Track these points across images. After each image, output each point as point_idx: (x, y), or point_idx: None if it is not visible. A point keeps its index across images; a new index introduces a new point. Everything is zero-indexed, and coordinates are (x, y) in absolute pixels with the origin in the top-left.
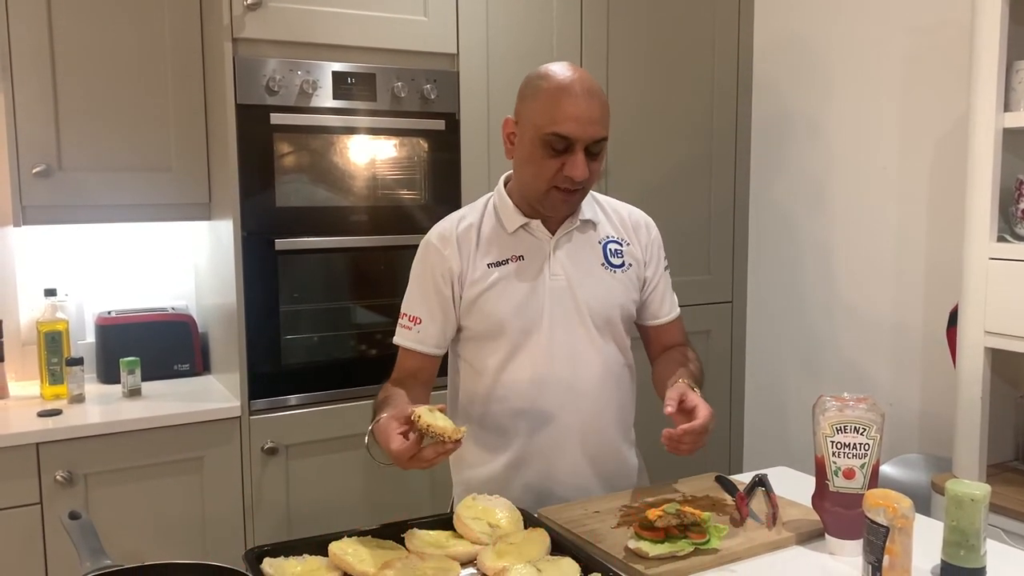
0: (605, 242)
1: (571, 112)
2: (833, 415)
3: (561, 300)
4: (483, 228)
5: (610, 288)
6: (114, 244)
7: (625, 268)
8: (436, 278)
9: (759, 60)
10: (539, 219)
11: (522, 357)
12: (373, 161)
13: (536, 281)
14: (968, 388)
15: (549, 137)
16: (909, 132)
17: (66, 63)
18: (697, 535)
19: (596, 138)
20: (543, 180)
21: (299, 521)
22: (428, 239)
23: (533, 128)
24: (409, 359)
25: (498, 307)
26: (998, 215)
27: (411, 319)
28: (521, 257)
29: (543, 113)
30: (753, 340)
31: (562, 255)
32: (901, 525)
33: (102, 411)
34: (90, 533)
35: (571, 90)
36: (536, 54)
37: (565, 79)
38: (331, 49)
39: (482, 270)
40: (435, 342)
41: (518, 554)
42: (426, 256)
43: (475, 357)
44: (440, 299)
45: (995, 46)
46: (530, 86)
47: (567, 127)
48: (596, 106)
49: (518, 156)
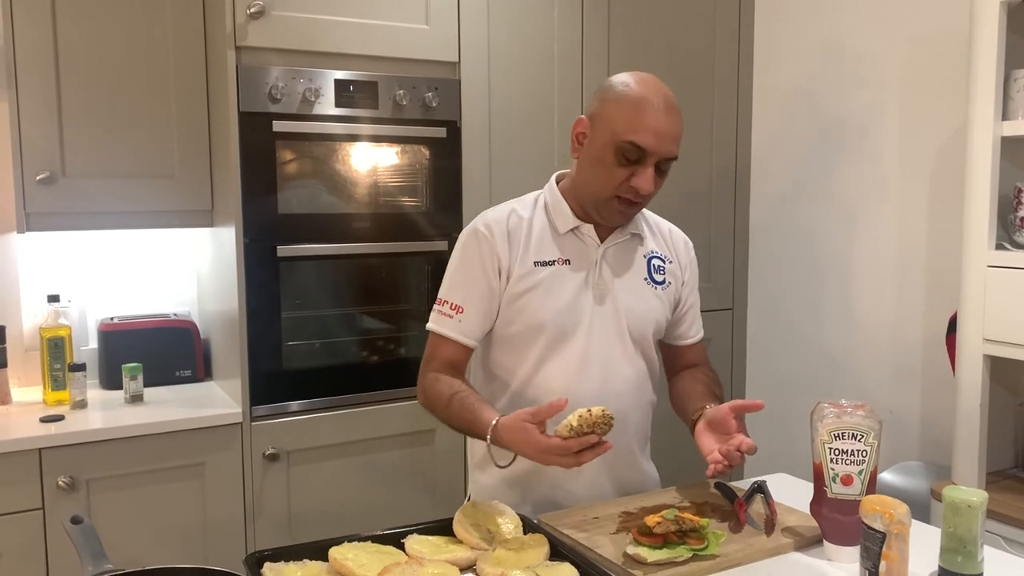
0: (650, 256)
1: (652, 124)
2: (831, 422)
3: (601, 310)
4: (534, 224)
5: (650, 304)
6: (117, 250)
7: (665, 286)
8: (485, 266)
9: (759, 67)
10: (591, 224)
11: (555, 363)
12: (375, 168)
13: (580, 287)
14: (967, 395)
15: (625, 145)
16: (909, 140)
17: (70, 70)
18: (695, 541)
19: (669, 155)
20: (608, 187)
21: (300, 527)
22: (476, 227)
23: (610, 133)
24: (448, 349)
25: (541, 308)
26: (997, 223)
27: (453, 307)
28: (568, 261)
29: (623, 120)
30: (753, 347)
31: (608, 264)
32: (898, 531)
33: (104, 417)
34: (92, 538)
35: (655, 102)
36: (537, 62)
37: (650, 90)
38: (333, 57)
39: (528, 267)
40: (476, 333)
41: (517, 560)
42: (475, 243)
43: (503, 359)
44: (486, 289)
45: (993, 55)
46: (613, 90)
47: (645, 138)
48: (676, 123)
49: (586, 157)
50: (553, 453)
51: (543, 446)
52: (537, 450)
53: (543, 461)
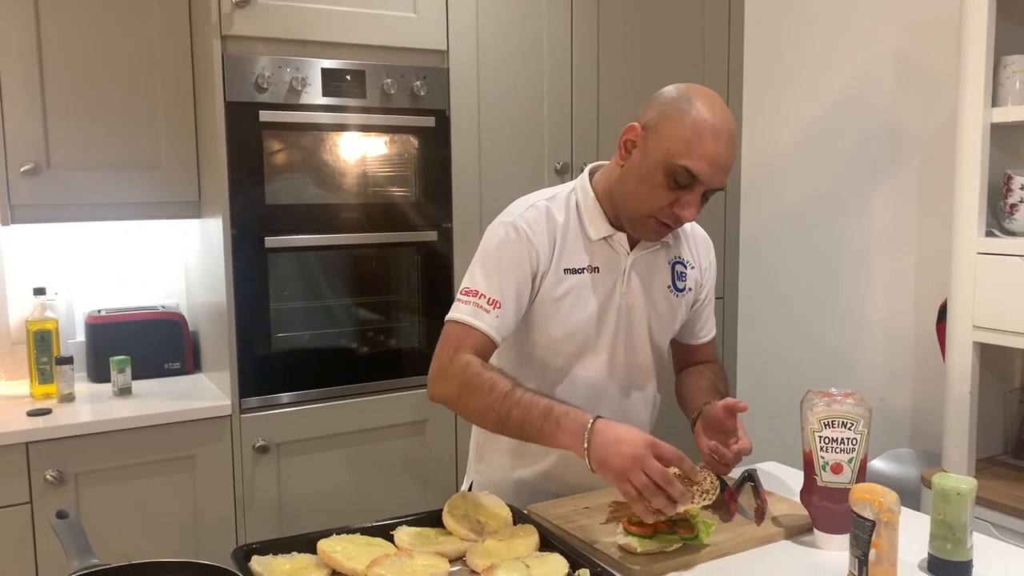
0: (674, 263)
1: (711, 153)
2: (820, 410)
3: (627, 321)
4: (569, 228)
5: (673, 313)
6: (104, 243)
7: (686, 293)
8: (523, 265)
9: (749, 56)
10: (624, 233)
11: (578, 372)
12: (363, 158)
13: (608, 298)
14: (957, 383)
15: (677, 168)
16: (898, 128)
17: (54, 60)
18: (685, 530)
19: (719, 187)
20: (649, 206)
21: (291, 519)
22: (516, 222)
23: (664, 152)
24: (480, 342)
25: (569, 319)
26: (986, 210)
27: (491, 301)
28: (597, 269)
29: (682, 142)
30: (744, 336)
31: (636, 274)
32: (887, 519)
33: (92, 410)
34: (78, 532)
35: (717, 130)
36: (527, 50)
37: (715, 115)
38: (320, 46)
39: (560, 275)
40: (506, 332)
41: (506, 551)
42: (515, 238)
43: (521, 365)
44: (523, 287)
45: (983, 41)
46: (675, 105)
47: (700, 167)
48: (731, 153)
49: (632, 169)
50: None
51: (651, 466)
52: (637, 463)
53: (628, 476)
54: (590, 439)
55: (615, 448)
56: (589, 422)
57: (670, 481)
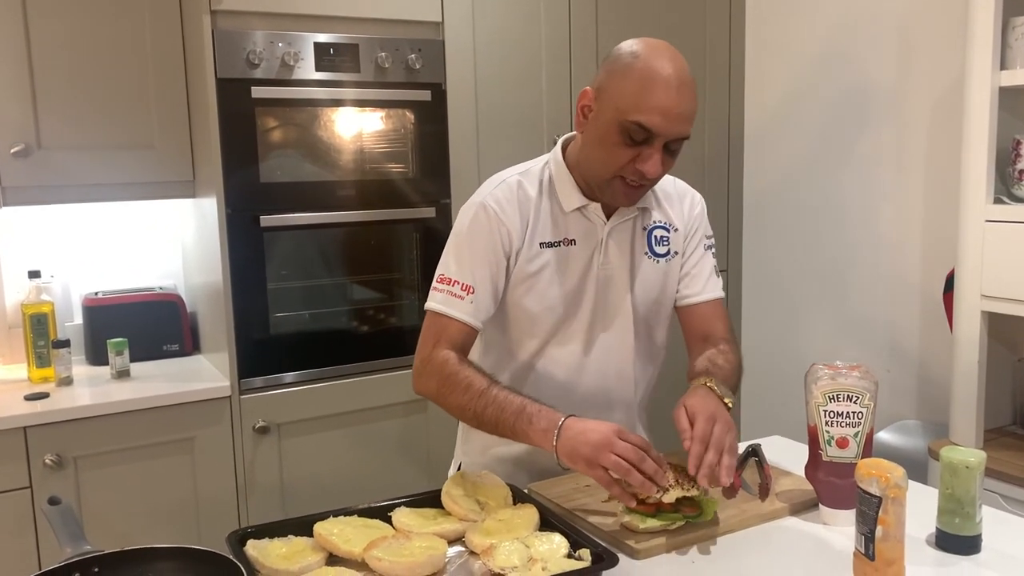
0: (651, 228)
1: (661, 103)
2: (825, 383)
3: (606, 293)
4: (541, 201)
5: (655, 281)
6: (99, 224)
7: (669, 256)
8: (495, 245)
9: (752, 27)
10: (598, 203)
11: (559, 346)
12: (359, 134)
13: (585, 270)
14: (965, 352)
15: (629, 125)
16: (905, 93)
17: (42, 39)
18: (689, 508)
19: (680, 136)
20: (610, 168)
21: (293, 500)
22: (485, 202)
23: (614, 110)
24: (457, 332)
25: (547, 293)
26: (995, 176)
27: (463, 287)
28: (573, 241)
29: (629, 97)
30: (748, 308)
31: (613, 243)
32: (894, 495)
33: (91, 393)
34: (70, 519)
35: (666, 79)
36: (523, 20)
37: (661, 64)
38: (312, 20)
39: (535, 249)
40: (484, 316)
41: (506, 530)
42: (485, 219)
43: (503, 339)
44: (497, 268)
45: (991, 3)
46: (620, 61)
47: (652, 119)
48: (687, 101)
49: (589, 134)
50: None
51: (620, 447)
52: (607, 445)
53: (598, 459)
54: (559, 434)
55: (582, 437)
56: (560, 420)
57: (642, 459)
